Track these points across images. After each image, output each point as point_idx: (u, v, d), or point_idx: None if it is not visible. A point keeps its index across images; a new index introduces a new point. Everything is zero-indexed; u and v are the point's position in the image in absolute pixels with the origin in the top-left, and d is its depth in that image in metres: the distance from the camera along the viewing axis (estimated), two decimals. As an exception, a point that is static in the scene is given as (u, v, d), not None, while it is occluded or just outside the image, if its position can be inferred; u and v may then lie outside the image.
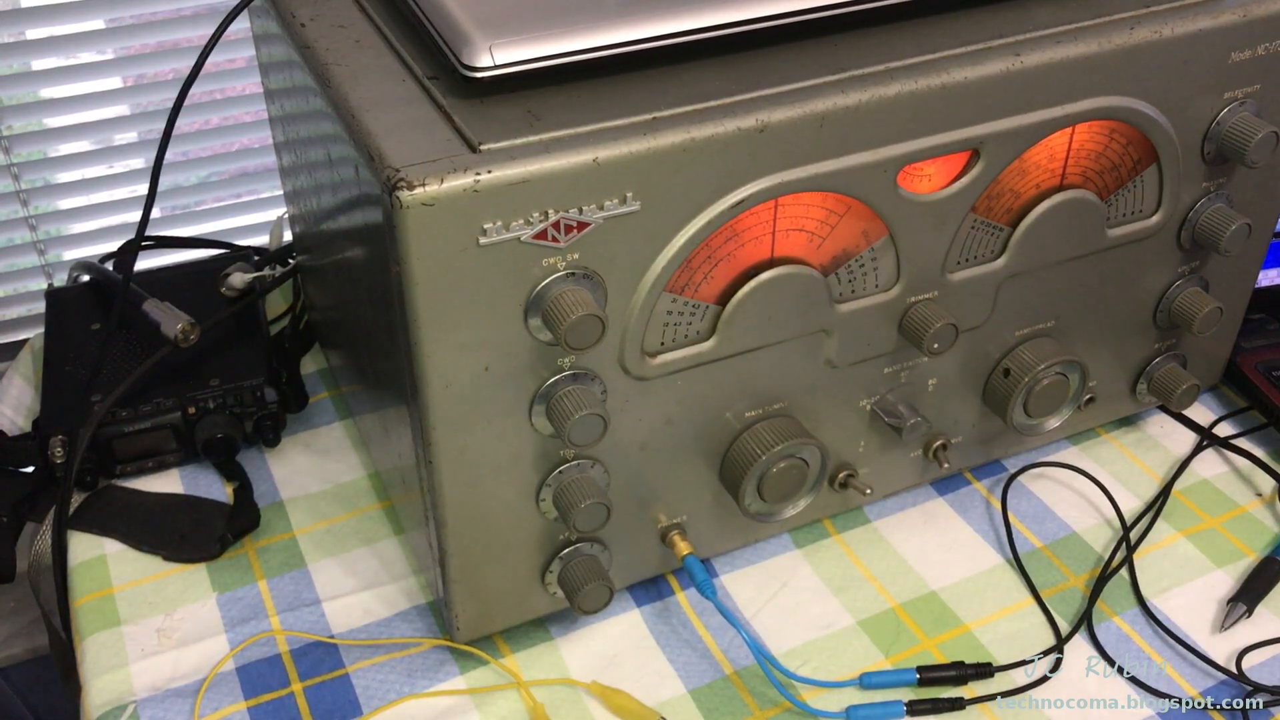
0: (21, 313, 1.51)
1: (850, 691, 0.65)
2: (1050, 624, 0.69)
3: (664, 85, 0.56)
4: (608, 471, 0.62)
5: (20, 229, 1.45)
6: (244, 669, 0.66)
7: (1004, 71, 0.59)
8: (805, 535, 0.74)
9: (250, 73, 1.40)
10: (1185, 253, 0.73)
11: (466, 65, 0.53)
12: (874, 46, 0.59)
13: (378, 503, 0.77)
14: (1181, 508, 0.76)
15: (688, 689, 0.65)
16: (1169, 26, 0.62)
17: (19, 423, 0.86)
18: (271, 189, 1.55)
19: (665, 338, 0.60)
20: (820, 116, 0.56)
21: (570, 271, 0.54)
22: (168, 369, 0.78)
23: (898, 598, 0.70)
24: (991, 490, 0.78)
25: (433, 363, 0.54)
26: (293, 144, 0.74)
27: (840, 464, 0.71)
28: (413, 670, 0.66)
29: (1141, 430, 0.82)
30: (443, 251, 0.51)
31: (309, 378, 0.86)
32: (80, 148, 1.45)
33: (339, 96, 0.56)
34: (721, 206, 0.56)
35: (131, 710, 0.64)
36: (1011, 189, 0.65)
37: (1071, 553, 0.73)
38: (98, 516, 0.75)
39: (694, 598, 0.70)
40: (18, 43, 1.36)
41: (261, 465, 0.80)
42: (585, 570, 0.63)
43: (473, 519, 0.60)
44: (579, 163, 0.51)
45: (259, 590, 0.71)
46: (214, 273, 0.86)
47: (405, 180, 0.49)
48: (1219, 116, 0.67)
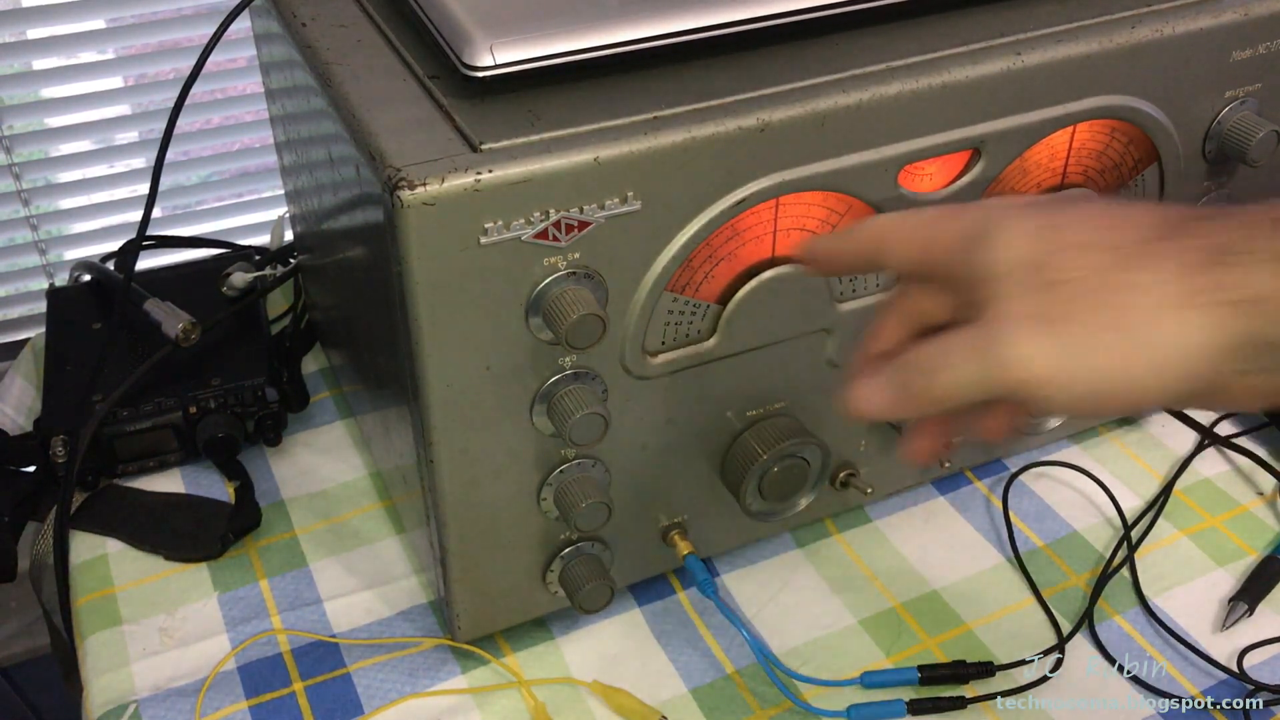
0: (23, 312, 1.52)
1: (852, 690, 0.65)
2: (1051, 623, 0.69)
3: (665, 84, 0.56)
4: (609, 471, 0.62)
5: (21, 229, 1.45)
6: (245, 668, 0.66)
7: (1005, 70, 0.59)
8: (806, 534, 0.74)
9: (251, 72, 1.40)
10: (1186, 252, 0.73)
11: (467, 64, 0.53)
12: (875, 45, 0.59)
13: (379, 502, 0.77)
14: (1183, 507, 0.76)
15: (689, 688, 0.65)
16: (1170, 25, 0.62)
17: (20, 422, 0.86)
18: (272, 188, 1.56)
19: (666, 337, 0.60)
20: (821, 116, 0.55)
21: (571, 271, 0.54)
22: (169, 368, 0.78)
23: (899, 597, 0.70)
24: (992, 489, 0.78)
25: (434, 362, 0.54)
26: (294, 143, 0.74)
27: (841, 463, 0.71)
28: (414, 669, 0.66)
29: (1143, 429, 0.82)
30: (444, 251, 0.51)
31: (310, 377, 0.86)
32: (81, 147, 1.45)
33: (340, 96, 0.56)
34: (722, 206, 0.56)
35: (133, 709, 0.64)
36: (1012, 188, 0.65)
37: (1072, 552, 0.73)
38: (99, 516, 0.75)
39: (695, 597, 0.70)
40: (19, 42, 1.36)
41: (263, 465, 0.80)
42: (586, 569, 0.63)
43: (474, 518, 0.60)
44: (580, 162, 0.51)
45: (260, 590, 0.71)
46: (215, 272, 0.86)
47: (406, 180, 0.49)
48: (1220, 115, 0.67)
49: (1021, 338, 0.39)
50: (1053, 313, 0.39)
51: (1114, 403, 0.39)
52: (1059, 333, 0.38)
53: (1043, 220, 0.41)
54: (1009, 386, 0.40)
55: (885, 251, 0.46)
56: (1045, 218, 0.41)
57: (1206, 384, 0.38)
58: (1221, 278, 0.37)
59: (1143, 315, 0.37)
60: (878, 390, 0.44)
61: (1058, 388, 0.39)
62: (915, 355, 0.43)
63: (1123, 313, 0.38)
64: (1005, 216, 0.42)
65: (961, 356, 0.41)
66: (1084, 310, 0.38)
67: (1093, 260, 0.39)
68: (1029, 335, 0.39)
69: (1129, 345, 0.37)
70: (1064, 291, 0.39)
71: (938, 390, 0.42)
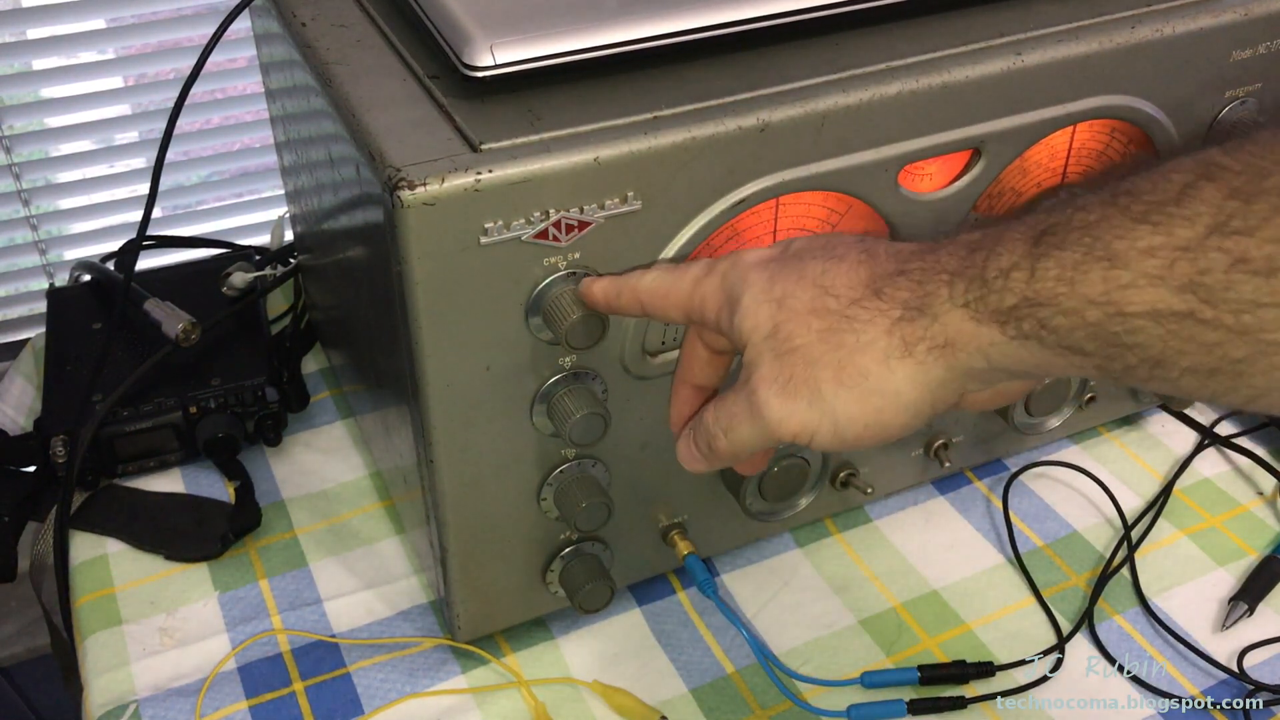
0: (23, 312, 1.51)
1: (852, 690, 0.65)
2: (1051, 623, 0.69)
3: (665, 84, 0.56)
4: (609, 470, 0.62)
5: (22, 229, 1.45)
6: (245, 668, 0.66)
7: (1005, 70, 0.59)
8: (806, 534, 0.74)
9: (251, 72, 1.40)
10: (1186, 251, 0.73)
11: (467, 64, 0.53)
12: (875, 45, 0.59)
13: (379, 502, 0.77)
14: (1183, 506, 0.76)
15: (689, 688, 0.65)
16: (1170, 25, 0.62)
17: (20, 422, 0.86)
18: (272, 188, 1.55)
19: (666, 336, 0.60)
20: (821, 115, 0.55)
21: (571, 271, 0.54)
22: (169, 368, 0.78)
23: (899, 597, 0.70)
24: (993, 489, 0.78)
25: (434, 362, 0.54)
26: (294, 143, 0.74)
27: (841, 463, 0.71)
28: (414, 669, 0.66)
29: (1143, 429, 0.82)
30: (444, 251, 0.51)
31: (310, 377, 0.86)
32: (81, 147, 1.45)
33: (340, 96, 0.56)
34: (723, 205, 0.56)
35: (133, 709, 0.64)
36: (1013, 188, 0.65)
37: (1072, 552, 0.73)
38: (99, 516, 0.75)
39: (695, 597, 0.70)
40: (19, 42, 1.36)
41: (263, 464, 0.80)
42: (586, 569, 0.63)
43: (474, 518, 0.60)
44: (580, 162, 0.51)
45: (260, 589, 0.71)
46: (215, 272, 0.86)
47: (406, 180, 0.49)
48: (1220, 115, 0.67)
49: (774, 402, 0.44)
50: (795, 377, 0.44)
51: (878, 438, 0.44)
52: (802, 394, 0.44)
53: (773, 289, 0.46)
54: (783, 440, 0.45)
55: (652, 313, 0.51)
56: (775, 285, 0.46)
57: (946, 405, 0.44)
58: (920, 330, 0.42)
59: (874, 367, 0.43)
60: (689, 453, 0.50)
61: (823, 437, 0.44)
62: (706, 420, 0.48)
63: (855, 370, 0.43)
64: (747, 284, 0.46)
65: (739, 420, 0.46)
66: (818, 372, 0.44)
67: (815, 325, 0.44)
68: (780, 399, 0.44)
69: (871, 395, 0.43)
70: (796, 358, 0.44)
71: (732, 447, 0.47)
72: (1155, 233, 0.37)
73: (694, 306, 0.49)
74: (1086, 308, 0.38)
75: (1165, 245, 0.37)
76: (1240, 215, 0.36)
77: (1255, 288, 0.35)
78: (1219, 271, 0.36)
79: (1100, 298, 0.38)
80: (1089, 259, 0.38)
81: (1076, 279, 0.38)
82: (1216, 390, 0.38)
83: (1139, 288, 0.37)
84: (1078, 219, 0.39)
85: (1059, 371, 0.41)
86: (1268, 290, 0.35)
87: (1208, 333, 0.36)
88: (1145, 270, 0.37)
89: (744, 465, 0.53)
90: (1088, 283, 0.38)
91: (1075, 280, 0.38)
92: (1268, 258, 0.35)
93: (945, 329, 0.42)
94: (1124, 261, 0.37)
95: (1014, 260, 0.40)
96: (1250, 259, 0.35)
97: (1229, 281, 0.36)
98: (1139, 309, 0.37)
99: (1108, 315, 0.38)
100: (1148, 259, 0.37)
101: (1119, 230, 0.38)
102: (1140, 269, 0.37)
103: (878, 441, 0.44)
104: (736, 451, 0.47)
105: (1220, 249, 0.36)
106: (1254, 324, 0.36)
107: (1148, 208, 0.38)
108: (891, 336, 0.43)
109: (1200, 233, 0.36)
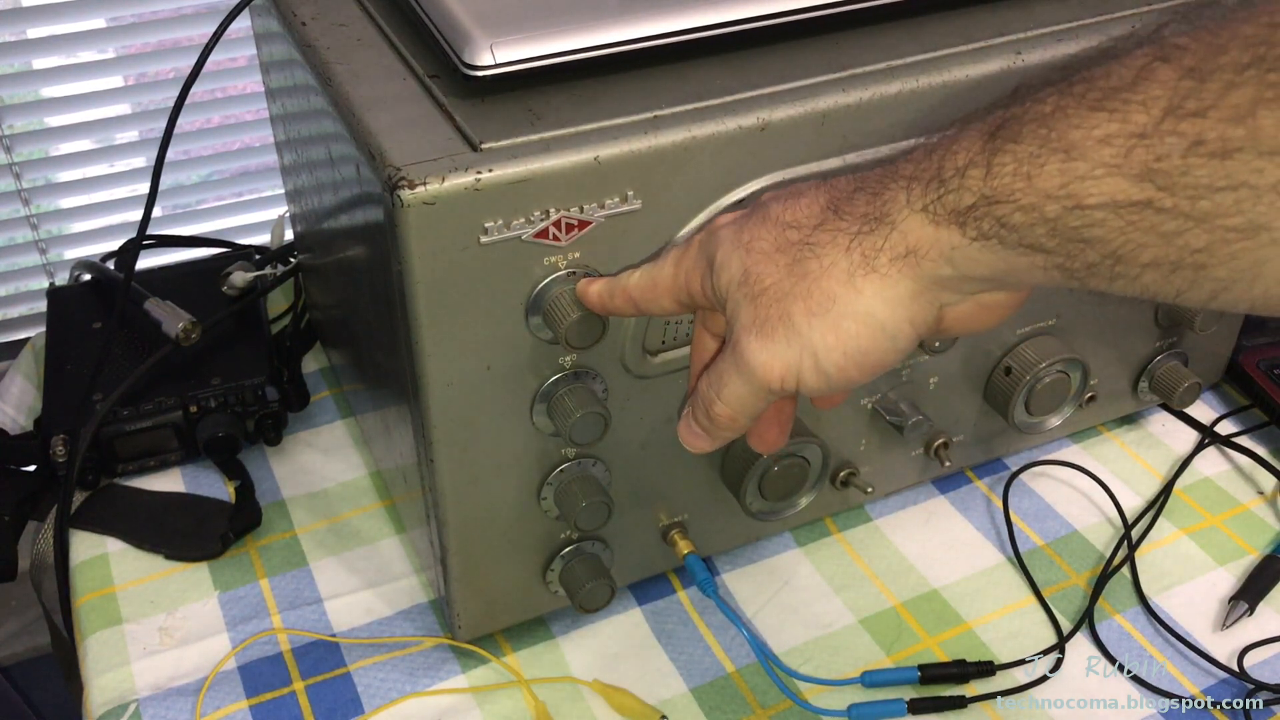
0: (23, 311, 1.52)
1: (852, 690, 0.65)
2: (1051, 622, 0.69)
3: (665, 84, 0.56)
4: (609, 470, 0.62)
5: (22, 228, 1.45)
6: (245, 668, 0.66)
7: (1005, 69, 0.59)
8: (806, 534, 0.74)
9: (251, 71, 1.40)
10: (1187, 251, 0.73)
11: (467, 64, 0.53)
12: (875, 44, 0.59)
13: (379, 501, 0.77)
14: (1183, 506, 0.76)
15: (689, 687, 0.65)
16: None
17: (21, 421, 0.86)
18: (272, 188, 1.55)
19: (666, 336, 0.60)
20: (821, 115, 0.55)
21: (571, 270, 0.54)
22: (169, 368, 0.78)
23: (899, 596, 0.70)
24: (993, 488, 0.78)
25: (434, 361, 0.54)
26: (294, 143, 0.74)
27: (841, 462, 0.71)
28: (414, 669, 0.66)
29: (1143, 428, 0.82)
30: (444, 250, 0.51)
31: (310, 376, 0.86)
32: (81, 146, 1.45)
33: (340, 95, 0.56)
34: (723, 204, 0.56)
35: (133, 709, 0.64)
36: (1013, 187, 0.64)
37: (1073, 551, 0.73)
38: (99, 515, 0.75)
39: (695, 596, 0.70)
40: (19, 42, 1.36)
41: (263, 464, 0.80)
42: (587, 569, 0.63)
43: (474, 517, 0.60)
44: (580, 161, 0.51)
45: (260, 589, 0.71)
46: (215, 272, 0.86)
47: (406, 179, 0.49)
48: (1220, 114, 0.67)
49: (755, 347, 0.44)
50: (770, 317, 0.43)
51: (861, 368, 0.43)
52: (778, 334, 0.43)
53: (740, 237, 0.45)
54: (772, 387, 0.44)
55: (646, 308, 0.51)
56: (743, 233, 0.45)
57: (925, 324, 0.42)
58: (879, 240, 0.41)
59: (839, 289, 0.41)
60: (689, 428, 0.49)
61: (808, 375, 0.43)
62: (700, 388, 0.47)
63: (822, 295, 0.42)
64: (719, 241, 0.46)
65: (728, 377, 0.45)
66: (789, 306, 0.43)
67: (781, 261, 0.43)
68: (759, 343, 0.43)
69: (843, 319, 0.42)
70: (767, 298, 0.43)
71: (729, 409, 0.46)
72: (1111, 120, 0.35)
73: (680, 286, 0.48)
74: (1045, 202, 0.37)
75: (1121, 132, 0.35)
76: (1195, 95, 0.34)
77: (1211, 171, 0.34)
78: (1175, 156, 0.34)
79: (1058, 191, 0.36)
80: (1045, 151, 0.37)
81: (1033, 173, 0.37)
82: (1180, 286, 0.36)
83: (1096, 178, 0.36)
84: (1033, 111, 0.38)
85: (1023, 274, 0.39)
86: (1223, 173, 0.33)
87: (1167, 222, 0.35)
88: (1102, 160, 0.35)
89: (755, 438, 0.51)
90: (1044, 176, 0.37)
91: (1032, 174, 0.37)
92: (1222, 138, 0.33)
93: (905, 237, 0.40)
94: (1081, 152, 0.36)
95: (970, 158, 0.39)
96: (1206, 140, 0.34)
97: (1185, 166, 0.34)
98: (1097, 200, 0.36)
99: (1066, 209, 0.36)
100: (1104, 148, 0.35)
101: (1075, 120, 0.36)
102: (1097, 158, 0.36)
103: (865, 374, 0.43)
104: (734, 413, 0.46)
105: (1176, 132, 0.34)
106: (1211, 209, 0.34)
107: (1103, 94, 0.36)
108: (851, 253, 0.41)
109: (1156, 117, 0.35)
